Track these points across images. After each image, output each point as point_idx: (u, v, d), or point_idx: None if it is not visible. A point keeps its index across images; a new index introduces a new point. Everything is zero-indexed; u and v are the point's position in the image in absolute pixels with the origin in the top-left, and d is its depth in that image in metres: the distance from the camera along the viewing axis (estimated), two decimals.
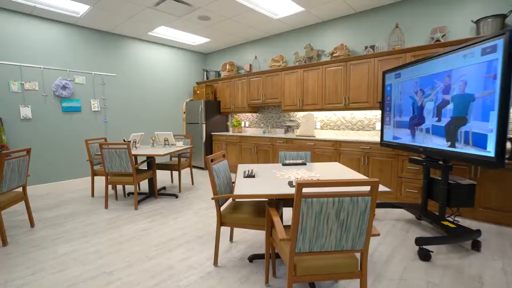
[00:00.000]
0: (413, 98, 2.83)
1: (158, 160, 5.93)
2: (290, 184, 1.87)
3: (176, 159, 5.12)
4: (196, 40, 5.99)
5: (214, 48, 6.64)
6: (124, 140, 3.95)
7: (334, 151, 4.17)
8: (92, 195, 4.13)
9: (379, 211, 3.45)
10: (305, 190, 1.57)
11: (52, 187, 4.58)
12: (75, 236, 2.77)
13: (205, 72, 6.83)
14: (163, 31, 5.34)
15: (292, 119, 5.43)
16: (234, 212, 2.18)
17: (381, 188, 1.72)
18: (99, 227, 2.99)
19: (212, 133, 6.28)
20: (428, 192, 2.88)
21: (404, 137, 3.00)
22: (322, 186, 1.30)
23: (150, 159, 3.92)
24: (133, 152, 3.65)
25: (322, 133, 4.95)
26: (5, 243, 2.59)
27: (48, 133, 4.52)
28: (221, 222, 2.17)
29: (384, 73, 3.40)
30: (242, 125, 6.48)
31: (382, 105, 3.45)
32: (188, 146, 4.39)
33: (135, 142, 4.10)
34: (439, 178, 2.72)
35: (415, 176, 3.44)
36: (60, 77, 4.58)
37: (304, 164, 2.63)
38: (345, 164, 4.06)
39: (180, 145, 4.39)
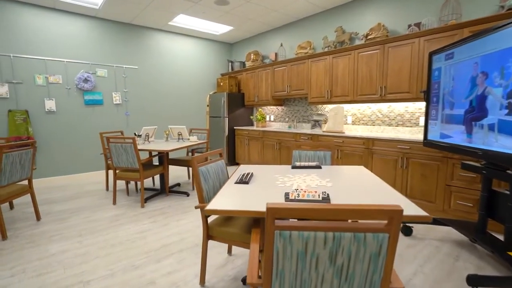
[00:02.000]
0: (472, 83, 2.13)
1: (173, 155, 5.79)
2: (287, 197, 1.42)
3: (195, 153, 4.89)
4: (218, 29, 5.67)
5: (239, 37, 6.27)
6: (135, 134, 3.80)
7: (365, 150, 3.55)
8: (107, 189, 4.09)
9: (418, 227, 2.79)
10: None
11: (72, 179, 4.67)
12: (72, 234, 2.65)
13: (230, 63, 6.50)
14: (183, 20, 5.10)
15: (320, 112, 4.85)
16: (225, 224, 1.80)
17: (413, 210, 1.19)
18: (99, 225, 2.85)
19: (234, 127, 5.96)
20: (488, 208, 2.18)
21: (456, 135, 2.32)
22: (305, 215, 0.84)
23: (160, 154, 3.71)
24: (139, 147, 3.46)
25: (353, 129, 4.31)
26: (4, 237, 2.55)
27: (71, 126, 4.59)
28: (208, 234, 1.80)
29: (431, 54, 2.69)
30: (267, 119, 6.05)
31: (427, 95, 2.75)
32: (202, 141, 4.11)
33: (148, 136, 3.94)
34: (507, 192, 2.02)
35: (470, 185, 2.71)
36: (82, 70, 4.61)
37: (318, 167, 2.13)
38: (379, 167, 3.42)
39: (194, 140, 4.13)
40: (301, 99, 5.17)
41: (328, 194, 1.42)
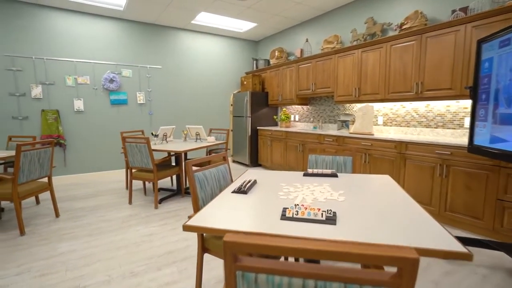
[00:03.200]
0: None
1: (191, 156, 5.74)
2: (283, 214, 1.18)
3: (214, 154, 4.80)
4: (242, 26, 5.52)
5: (264, 34, 6.06)
6: (152, 133, 3.78)
7: (397, 155, 3.13)
8: (127, 187, 4.14)
9: None
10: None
11: (97, 176, 4.83)
12: (83, 233, 2.65)
13: (254, 61, 6.32)
14: (205, 19, 5.03)
15: (347, 112, 4.46)
16: (222, 237, 1.60)
17: (447, 242, 0.89)
18: (110, 226, 2.83)
19: (257, 128, 5.77)
20: None
21: None
22: (276, 252, 0.61)
23: (176, 155, 3.65)
24: (156, 147, 3.42)
25: (385, 130, 3.87)
26: (22, 233, 2.62)
27: (97, 125, 4.75)
28: (203, 247, 1.62)
29: (480, 42, 2.24)
30: (292, 119, 5.77)
31: (474, 92, 2.30)
32: (219, 142, 3.98)
33: (165, 135, 3.90)
34: None
35: None
36: (108, 70, 4.75)
37: (334, 175, 1.85)
38: (412, 175, 2.99)
39: (211, 140, 4.01)
40: (327, 98, 4.82)
41: (334, 212, 1.15)
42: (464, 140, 2.83)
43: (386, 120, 3.86)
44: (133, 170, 3.50)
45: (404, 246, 0.56)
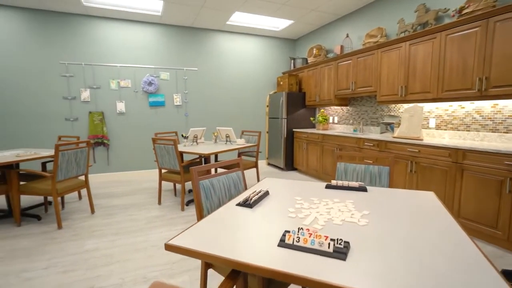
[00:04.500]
0: None
1: (222, 158, 5.69)
2: (282, 239, 0.96)
3: (245, 157, 4.69)
4: (278, 24, 5.33)
5: (302, 32, 5.77)
6: (182, 135, 3.81)
7: (452, 165, 2.63)
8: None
9: None
10: None
11: (136, 175, 5.07)
12: (110, 232, 2.74)
13: (292, 60, 6.07)
14: (240, 19, 4.96)
15: (392, 113, 3.96)
16: None
17: None
18: (136, 225, 2.88)
19: (293, 130, 5.51)
20: None
21: None
22: None
23: (202, 157, 3.61)
24: (185, 149, 3.41)
25: (438, 134, 3.33)
26: (59, 226, 2.81)
27: (137, 126, 5.00)
28: (206, 262, 1.48)
29: None
30: (330, 120, 5.39)
31: None
32: (248, 145, 3.85)
33: (196, 137, 3.90)
34: None
35: None
36: (147, 74, 4.96)
37: (362, 189, 1.55)
38: (472, 190, 2.47)
39: (241, 143, 3.90)
40: (370, 97, 4.35)
41: (347, 243, 0.90)
42: None
43: (440, 122, 3.30)
44: (163, 171, 3.56)
45: None
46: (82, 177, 4.72)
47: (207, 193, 1.51)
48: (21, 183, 3.06)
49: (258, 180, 4.26)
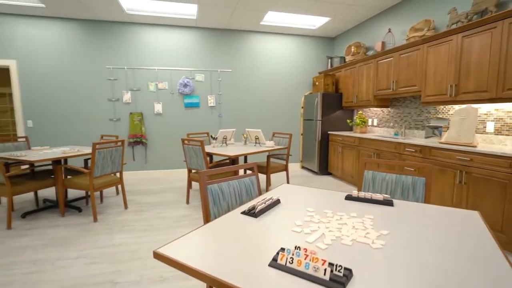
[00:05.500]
0: None
1: (250, 159, 5.62)
2: (275, 259, 0.85)
3: (275, 159, 4.58)
4: (314, 22, 5.12)
5: (340, 29, 5.47)
6: (211, 136, 3.84)
7: (511, 176, 2.21)
8: (190, 186, 4.35)
9: None
10: None
11: (170, 174, 5.28)
12: (138, 228, 2.85)
13: (329, 60, 5.79)
14: (274, 18, 4.88)
15: (440, 116, 3.51)
16: None
17: None
18: (163, 224, 2.96)
19: (328, 132, 5.25)
20: None
21: None
22: None
23: (229, 158, 3.59)
24: (213, 150, 3.43)
25: (497, 140, 2.85)
26: (95, 219, 3.01)
27: (173, 126, 5.21)
28: None
29: None
30: (369, 123, 5.01)
31: None
32: (277, 147, 3.73)
33: (225, 138, 3.91)
34: None
35: None
36: (183, 76, 5.14)
37: (387, 203, 1.35)
38: None
39: (270, 145, 3.81)
40: (414, 98, 3.93)
41: (349, 271, 0.76)
42: None
43: (500, 127, 2.82)
44: (192, 171, 3.62)
45: None
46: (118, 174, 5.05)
47: (215, 198, 1.45)
48: (68, 177, 3.37)
49: (288, 182, 4.11)
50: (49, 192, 4.16)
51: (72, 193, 4.11)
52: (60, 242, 2.55)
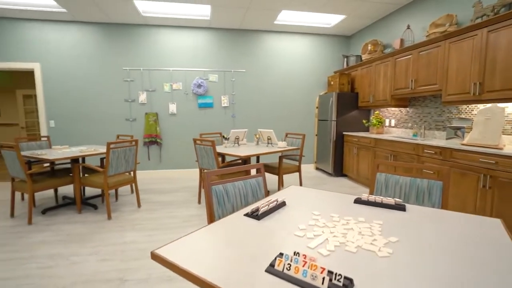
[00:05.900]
0: None
1: (264, 160, 5.56)
2: (272, 265, 0.81)
3: (287, 160, 4.51)
4: (330, 20, 5.01)
5: (357, 27, 5.32)
6: (223, 136, 3.84)
7: None
8: (202, 186, 4.38)
9: None
10: None
11: (183, 173, 5.34)
12: (149, 227, 2.89)
13: (345, 58, 5.65)
14: (288, 18, 4.82)
15: (463, 116, 3.32)
16: None
17: None
18: (173, 223, 2.99)
19: (343, 133, 5.12)
20: None
21: None
22: None
23: (240, 159, 3.57)
24: (220, 150, 3.43)
25: None
26: (109, 217, 3.09)
27: (187, 126, 5.27)
28: None
29: None
30: (387, 123, 4.84)
31: None
32: (289, 148, 3.67)
33: (237, 139, 3.90)
34: None
35: None
36: (197, 76, 5.19)
37: (399, 208, 1.27)
38: None
39: (282, 145, 3.75)
40: (434, 97, 3.74)
41: (350, 281, 0.71)
42: None
43: None
44: (204, 171, 3.63)
45: None
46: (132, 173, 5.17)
47: (219, 199, 1.43)
48: (85, 175, 3.48)
49: (301, 183, 4.04)
50: (68, 190, 4.32)
51: (90, 191, 4.25)
52: (75, 238, 2.63)
